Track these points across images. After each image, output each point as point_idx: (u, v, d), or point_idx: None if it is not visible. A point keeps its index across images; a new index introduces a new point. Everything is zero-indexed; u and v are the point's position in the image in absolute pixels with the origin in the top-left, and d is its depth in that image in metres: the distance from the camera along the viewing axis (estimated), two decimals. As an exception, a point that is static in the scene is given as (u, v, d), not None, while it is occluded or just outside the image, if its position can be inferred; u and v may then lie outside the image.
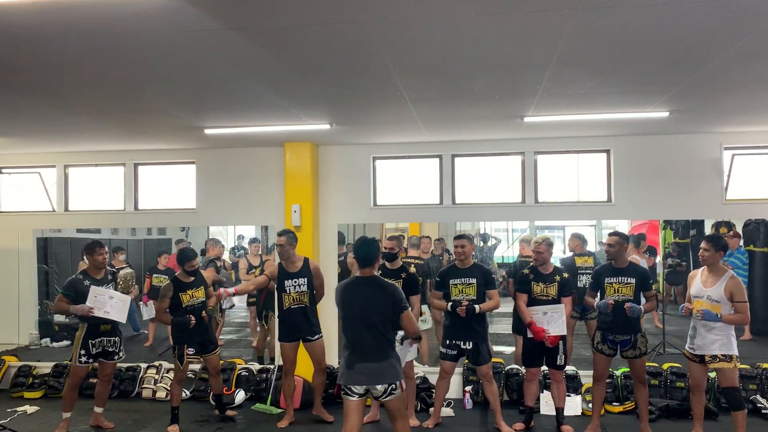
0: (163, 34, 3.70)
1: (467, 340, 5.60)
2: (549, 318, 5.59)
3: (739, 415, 4.98)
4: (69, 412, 5.89)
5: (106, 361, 5.88)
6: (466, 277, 5.65)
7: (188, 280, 5.94)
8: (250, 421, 6.23)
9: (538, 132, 6.82)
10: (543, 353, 5.69)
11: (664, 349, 7.82)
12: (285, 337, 6.01)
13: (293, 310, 5.96)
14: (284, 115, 5.88)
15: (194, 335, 5.91)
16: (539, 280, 5.72)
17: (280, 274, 5.99)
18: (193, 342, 5.92)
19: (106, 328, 5.78)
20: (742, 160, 6.89)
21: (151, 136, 6.95)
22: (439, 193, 7.38)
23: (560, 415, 5.86)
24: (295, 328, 5.97)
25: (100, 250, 5.77)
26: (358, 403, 4.23)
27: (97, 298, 5.65)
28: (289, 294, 5.96)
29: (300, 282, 5.97)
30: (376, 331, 4.20)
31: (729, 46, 4.00)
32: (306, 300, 5.99)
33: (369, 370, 4.17)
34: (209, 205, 7.71)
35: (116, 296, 5.76)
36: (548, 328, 5.54)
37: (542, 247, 5.69)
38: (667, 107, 5.67)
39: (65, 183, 8.06)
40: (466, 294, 5.60)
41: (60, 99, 5.27)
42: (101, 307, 5.64)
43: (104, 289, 5.72)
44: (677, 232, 9.14)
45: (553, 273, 5.74)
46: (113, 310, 5.69)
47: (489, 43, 3.93)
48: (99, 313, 5.63)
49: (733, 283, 4.95)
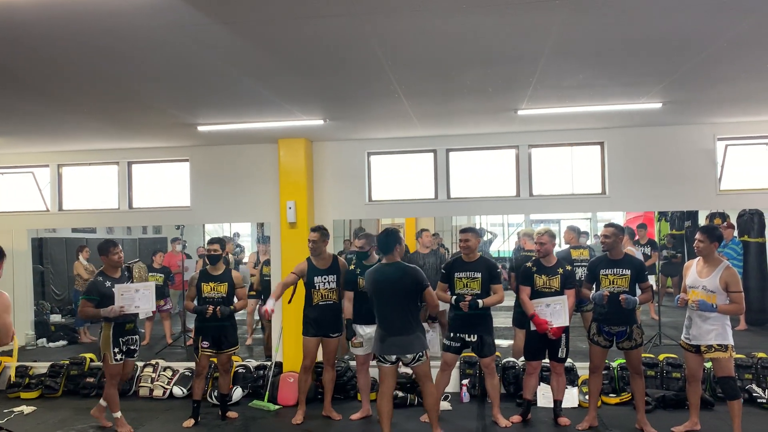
0: (153, 30, 3.69)
1: (472, 333, 5.59)
2: (552, 310, 5.58)
3: (735, 404, 5.00)
4: (118, 411, 5.84)
5: (128, 359, 5.88)
6: (471, 270, 5.62)
7: (215, 273, 5.99)
8: (247, 418, 6.22)
9: (531, 125, 6.82)
10: (545, 346, 5.69)
11: (660, 341, 7.85)
12: (310, 332, 5.99)
13: (322, 306, 5.97)
14: (278, 111, 5.87)
15: (209, 329, 5.93)
16: (542, 273, 5.71)
17: (310, 271, 5.98)
18: (208, 336, 5.94)
19: (130, 327, 5.78)
20: (735, 151, 6.91)
21: (144, 134, 6.93)
22: (434, 187, 7.38)
23: (558, 408, 5.87)
24: (321, 324, 5.97)
25: (115, 250, 5.75)
26: (392, 369, 5.08)
27: (124, 296, 5.62)
28: (318, 290, 5.95)
29: (329, 279, 5.98)
30: (402, 309, 4.97)
31: (722, 36, 4.00)
32: (335, 297, 6.00)
33: (399, 342, 4.96)
34: (204, 203, 7.70)
35: (141, 287, 5.75)
36: (551, 320, 5.54)
37: (545, 238, 5.70)
38: (661, 98, 5.68)
39: (59, 182, 8.03)
40: (471, 288, 5.59)
41: (52, 97, 5.25)
42: (130, 303, 5.63)
43: (128, 285, 5.72)
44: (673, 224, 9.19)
45: (556, 265, 5.72)
46: (142, 302, 5.69)
47: (481, 35, 3.92)
48: (130, 310, 5.62)
49: (728, 274, 4.97)
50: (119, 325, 5.68)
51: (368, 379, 6.16)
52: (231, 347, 6.09)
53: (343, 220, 8.01)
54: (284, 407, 6.54)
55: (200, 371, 6.02)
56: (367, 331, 5.87)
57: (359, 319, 5.86)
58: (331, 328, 6.02)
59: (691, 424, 5.42)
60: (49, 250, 9.29)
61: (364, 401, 6.14)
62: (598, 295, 5.38)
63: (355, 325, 5.87)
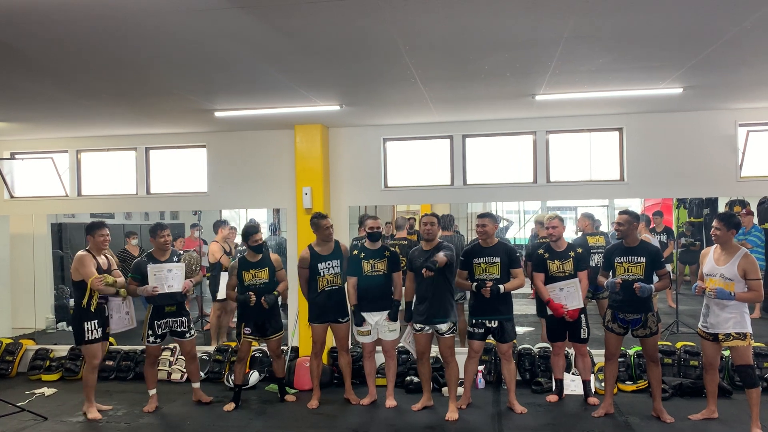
0: (170, 15, 3.69)
1: (492, 318, 5.61)
2: (566, 294, 5.72)
3: (754, 392, 4.97)
4: (153, 388, 6.09)
5: (181, 339, 6.02)
6: (490, 255, 5.62)
7: (254, 260, 6.01)
8: (263, 402, 6.29)
9: (549, 111, 6.76)
10: (565, 329, 5.82)
11: (678, 328, 7.81)
12: (317, 318, 6.01)
13: (328, 292, 5.98)
14: (294, 97, 5.86)
15: (252, 315, 5.96)
16: (554, 258, 5.82)
17: (313, 258, 5.99)
18: (250, 322, 5.98)
19: (171, 309, 5.90)
20: (757, 137, 6.78)
21: (162, 120, 6.97)
22: (450, 173, 7.36)
23: (587, 388, 6.01)
24: (328, 310, 5.99)
25: (162, 232, 5.88)
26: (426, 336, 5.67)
27: (157, 276, 5.76)
28: (324, 276, 5.97)
29: (333, 264, 5.99)
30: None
31: (744, 19, 3.93)
32: (339, 281, 6.01)
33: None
34: (221, 189, 7.73)
35: (174, 267, 5.84)
36: (566, 303, 5.68)
37: (555, 222, 5.82)
38: (681, 83, 5.60)
39: (78, 168, 8.11)
40: (490, 273, 5.58)
41: (71, 83, 5.28)
42: (163, 283, 5.75)
43: (161, 265, 5.81)
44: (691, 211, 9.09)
45: (567, 249, 5.82)
46: (175, 281, 5.81)
47: (499, 19, 3.89)
48: (163, 290, 5.75)
49: (746, 261, 4.92)
50: (158, 307, 5.84)
51: (374, 366, 6.20)
52: (276, 333, 6.12)
53: (358, 206, 8.01)
54: (301, 391, 6.59)
55: (242, 356, 6.08)
56: (375, 319, 5.91)
57: (366, 306, 5.92)
58: (339, 314, 6.03)
59: (709, 412, 5.39)
60: (68, 234, 9.38)
61: (371, 387, 6.17)
62: (611, 282, 5.39)
63: (363, 312, 5.92)
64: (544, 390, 6.32)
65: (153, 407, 6.02)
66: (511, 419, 5.59)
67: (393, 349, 6.08)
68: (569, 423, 5.49)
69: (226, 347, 7.29)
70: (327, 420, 5.71)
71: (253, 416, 5.85)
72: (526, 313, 8.71)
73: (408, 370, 6.70)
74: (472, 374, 5.93)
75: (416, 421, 5.59)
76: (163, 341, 5.98)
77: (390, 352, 6.05)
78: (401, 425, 5.50)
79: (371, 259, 5.88)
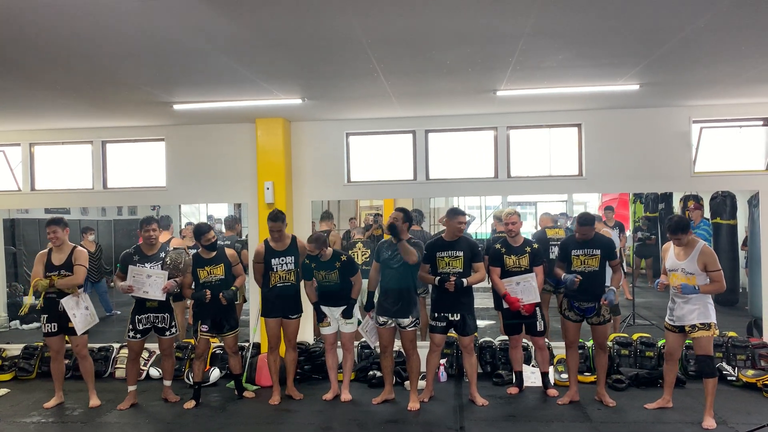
0: (126, 4, 3.60)
1: (455, 312, 5.65)
2: (522, 288, 5.83)
3: (710, 382, 5.12)
4: (134, 385, 6.04)
5: (161, 336, 5.93)
6: (453, 249, 5.67)
7: (208, 257, 5.92)
8: (225, 399, 6.21)
9: (510, 107, 6.83)
10: (522, 322, 5.94)
11: (634, 321, 7.99)
12: (269, 313, 6.00)
13: (280, 288, 5.96)
14: (255, 90, 5.79)
15: (208, 312, 5.90)
16: (511, 253, 5.91)
17: (267, 253, 5.95)
18: (207, 319, 5.92)
19: (152, 305, 5.81)
20: (709, 133, 7.00)
21: (118, 113, 6.81)
22: (413, 168, 7.37)
23: (546, 380, 6.12)
24: (278, 306, 5.97)
25: (147, 227, 5.82)
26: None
27: (135, 278, 5.69)
28: (276, 272, 5.94)
29: (287, 260, 5.96)
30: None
31: (698, 19, 4.03)
32: (292, 278, 5.99)
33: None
34: (180, 183, 7.61)
35: (153, 274, 5.75)
36: (522, 297, 5.78)
37: (514, 218, 5.92)
38: (638, 80, 5.72)
39: (31, 162, 7.87)
40: (453, 267, 5.63)
41: (22, 74, 5.12)
42: (139, 287, 5.69)
43: (142, 269, 5.73)
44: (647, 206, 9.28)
45: (523, 245, 5.94)
46: (151, 288, 5.72)
47: (462, 13, 3.90)
48: (138, 294, 5.68)
49: (704, 254, 5.08)
50: (140, 302, 5.79)
51: (336, 360, 6.20)
52: (232, 330, 6.07)
53: (321, 201, 7.97)
54: (263, 387, 6.53)
55: (200, 354, 6.02)
56: (334, 312, 5.97)
57: (325, 303, 5.96)
58: (291, 310, 6.02)
59: (664, 402, 5.54)
60: (21, 231, 9.10)
61: (333, 381, 6.17)
62: (570, 278, 5.52)
63: (323, 306, 5.96)
64: (504, 382, 6.40)
65: (128, 405, 5.93)
66: (473, 411, 5.65)
67: (350, 342, 6.11)
68: (529, 414, 5.57)
69: (186, 344, 7.18)
70: (287, 416, 5.68)
71: (213, 413, 5.78)
72: (487, 307, 8.77)
73: (371, 365, 6.71)
74: (434, 367, 5.97)
75: (378, 415, 5.60)
76: (145, 337, 5.89)
77: (347, 345, 6.08)
78: (363, 419, 5.50)
79: (322, 270, 5.87)
